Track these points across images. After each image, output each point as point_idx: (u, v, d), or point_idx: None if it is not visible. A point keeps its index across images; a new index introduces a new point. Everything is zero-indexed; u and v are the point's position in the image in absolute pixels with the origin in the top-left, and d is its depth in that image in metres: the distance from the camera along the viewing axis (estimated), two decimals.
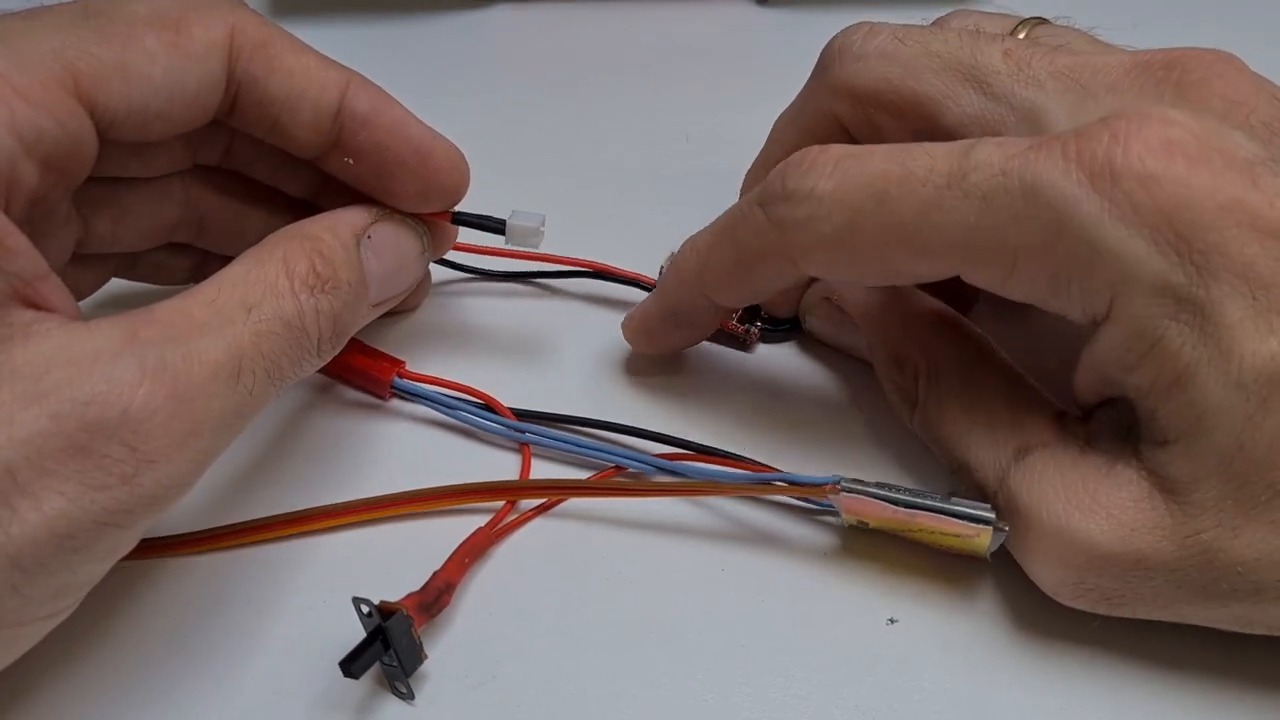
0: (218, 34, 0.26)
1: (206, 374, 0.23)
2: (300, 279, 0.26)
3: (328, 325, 0.26)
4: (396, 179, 0.29)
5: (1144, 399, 0.24)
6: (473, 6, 0.51)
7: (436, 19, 0.50)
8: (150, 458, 0.22)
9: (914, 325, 0.30)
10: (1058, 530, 0.24)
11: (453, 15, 0.51)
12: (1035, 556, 0.25)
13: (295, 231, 0.27)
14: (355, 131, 0.28)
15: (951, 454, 0.28)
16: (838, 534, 0.29)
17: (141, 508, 0.22)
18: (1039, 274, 0.24)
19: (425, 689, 0.25)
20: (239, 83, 0.27)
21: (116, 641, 0.26)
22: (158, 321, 0.23)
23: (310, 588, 0.27)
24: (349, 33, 0.48)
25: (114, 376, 0.21)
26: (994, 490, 0.26)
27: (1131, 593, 0.24)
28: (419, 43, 0.49)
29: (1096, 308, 0.24)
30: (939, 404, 0.28)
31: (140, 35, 0.24)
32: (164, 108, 0.25)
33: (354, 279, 0.27)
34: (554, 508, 0.29)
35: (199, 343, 0.23)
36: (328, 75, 0.28)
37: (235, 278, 0.25)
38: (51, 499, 0.20)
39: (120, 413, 0.21)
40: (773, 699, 0.25)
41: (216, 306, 0.24)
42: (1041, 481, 0.25)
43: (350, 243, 0.28)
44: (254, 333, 0.24)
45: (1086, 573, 0.24)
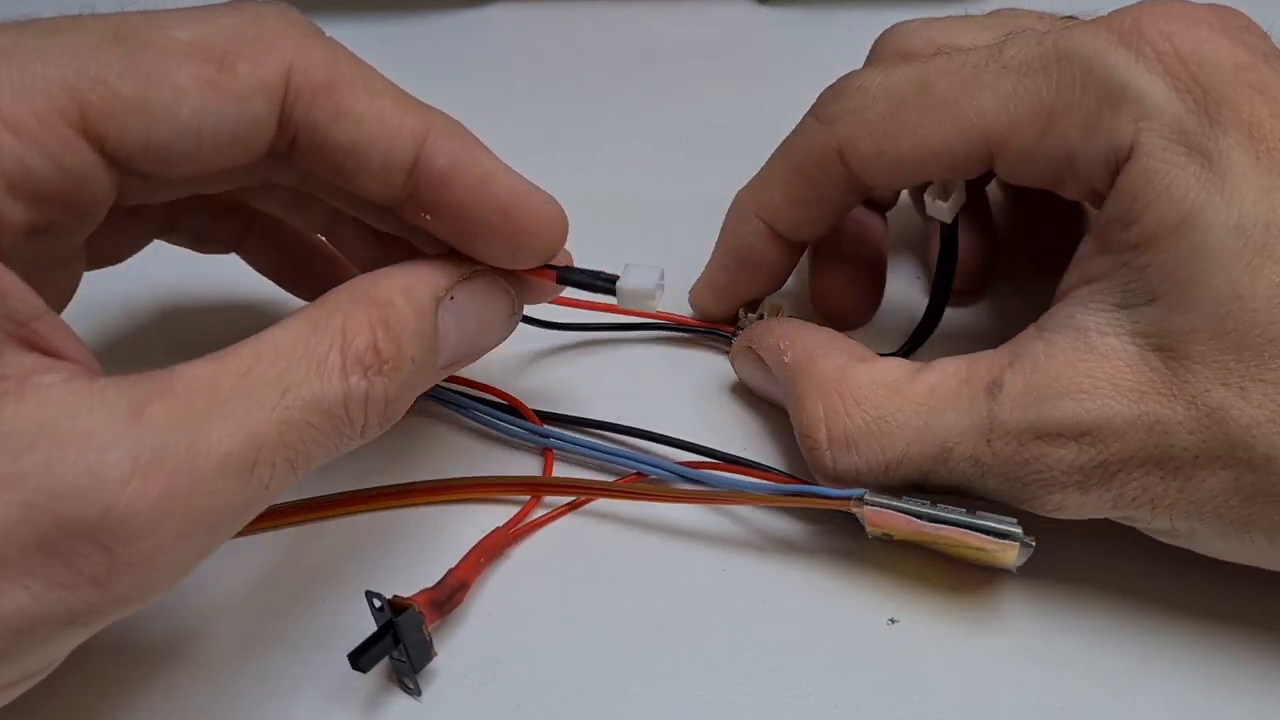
0: (269, 73, 0.22)
1: (213, 467, 0.20)
2: (355, 357, 0.22)
3: (376, 412, 0.23)
4: (480, 239, 0.25)
5: (1141, 254, 0.24)
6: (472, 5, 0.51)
7: (436, 18, 0.50)
8: (128, 561, 0.19)
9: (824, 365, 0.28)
10: (1069, 422, 0.24)
11: (452, 14, 0.51)
12: (1051, 466, 0.25)
13: (363, 293, 0.23)
14: (433, 188, 0.24)
15: (920, 454, 0.26)
16: (838, 535, 0.29)
17: (112, 608, 0.20)
18: (1071, 126, 0.25)
19: (433, 686, 0.26)
20: (297, 127, 0.23)
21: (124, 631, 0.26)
22: (173, 394, 0.20)
23: (325, 578, 0.28)
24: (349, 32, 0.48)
25: (100, 467, 0.19)
26: (987, 449, 0.25)
27: (1152, 476, 0.24)
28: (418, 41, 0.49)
29: (1120, 147, 0.25)
30: (878, 422, 0.26)
31: (173, 68, 0.21)
32: (190, 149, 0.22)
33: (421, 355, 0.24)
34: (569, 512, 0.29)
35: (213, 428, 0.20)
36: (403, 123, 0.24)
37: (280, 346, 0.22)
38: (13, 592, 0.18)
39: (100, 512, 0.19)
40: (773, 699, 0.25)
41: (249, 380, 0.21)
42: (1031, 393, 0.25)
43: (427, 309, 0.24)
44: (282, 420, 0.21)
45: (1108, 457, 0.24)
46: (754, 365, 0.31)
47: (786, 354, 0.29)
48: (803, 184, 0.30)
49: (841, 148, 0.29)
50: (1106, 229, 0.25)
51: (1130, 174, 0.24)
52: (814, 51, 0.32)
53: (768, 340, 0.30)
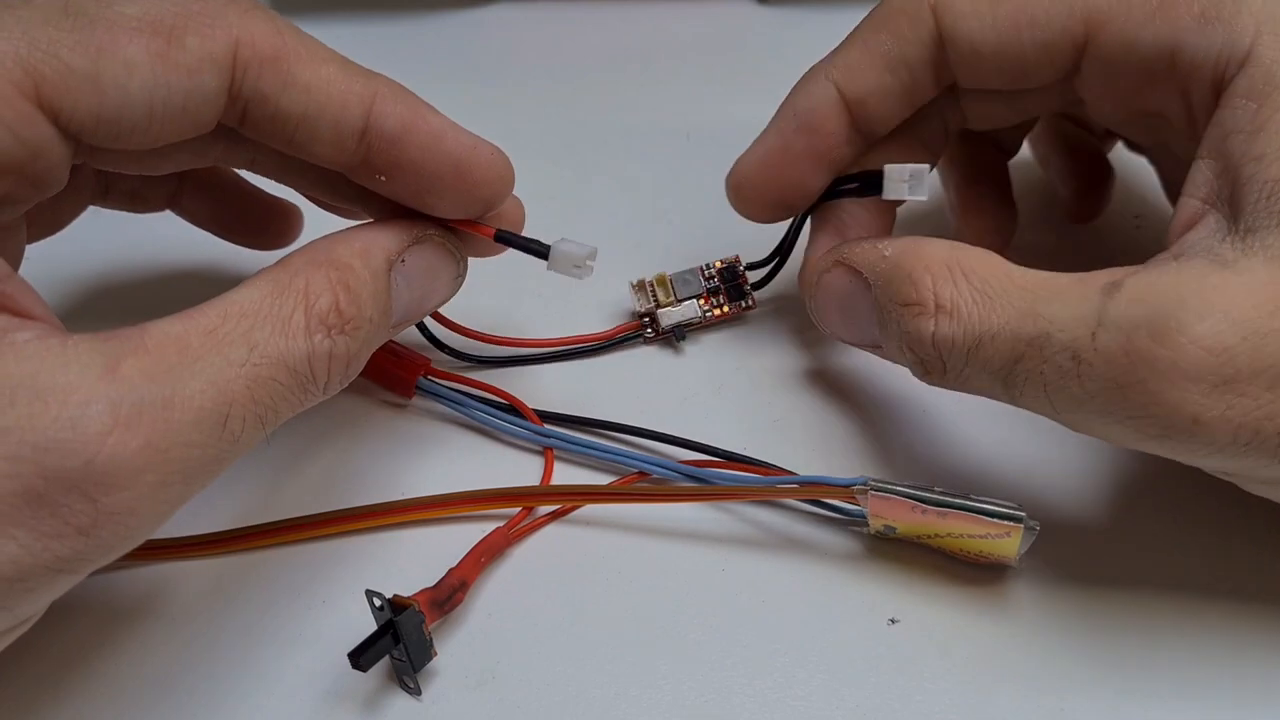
0: (216, 46, 0.23)
1: (188, 421, 0.21)
2: (319, 317, 0.23)
3: (338, 368, 0.24)
4: (434, 194, 0.26)
5: (1269, 167, 0.23)
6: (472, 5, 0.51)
7: (436, 18, 0.50)
8: (111, 510, 0.20)
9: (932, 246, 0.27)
10: (1194, 324, 0.22)
11: (452, 14, 0.51)
12: (1165, 372, 0.22)
13: (324, 257, 0.24)
14: (385, 150, 0.25)
15: (1015, 335, 0.24)
16: (839, 535, 0.29)
17: (97, 554, 0.20)
18: (1185, 13, 0.24)
19: (433, 686, 0.26)
20: (247, 99, 0.24)
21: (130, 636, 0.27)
22: (146, 350, 0.21)
23: (325, 587, 0.28)
24: (349, 31, 0.48)
25: (82, 421, 0.19)
26: (1090, 342, 0.23)
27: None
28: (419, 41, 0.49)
29: (1237, 47, 0.24)
30: (981, 295, 0.25)
31: (122, 42, 0.22)
32: (141, 121, 0.23)
33: (378, 314, 0.25)
34: (570, 512, 0.29)
35: (186, 384, 0.21)
36: (350, 90, 0.25)
37: (246, 305, 0.23)
38: (3, 543, 0.19)
39: (84, 463, 0.19)
40: (773, 699, 0.25)
41: (216, 338, 0.22)
42: (1154, 295, 0.22)
43: (382, 271, 0.25)
44: (251, 377, 0.22)
45: (1235, 370, 0.22)
46: (843, 282, 0.29)
47: (886, 249, 0.27)
48: (888, 41, 0.28)
49: (937, 1, 0.27)
50: (1225, 141, 0.24)
51: (1253, 78, 0.23)
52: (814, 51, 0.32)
53: (859, 248, 0.28)
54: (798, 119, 0.30)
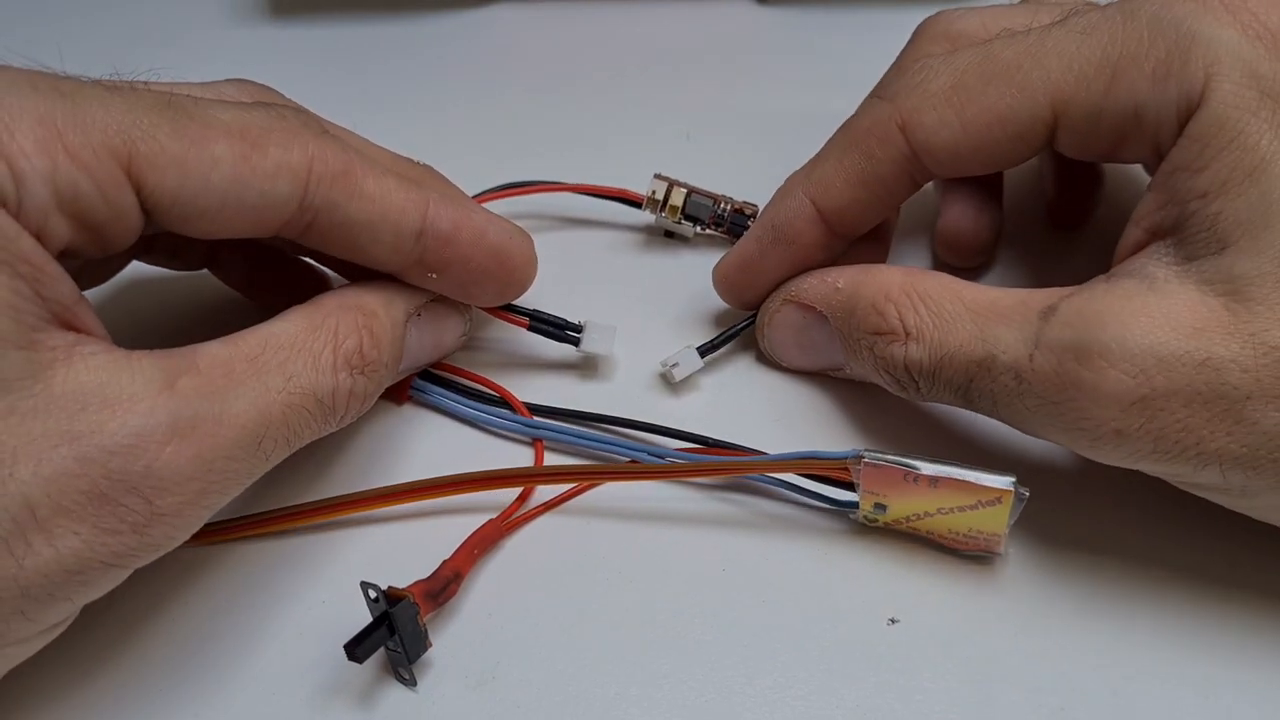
0: (295, 158, 0.25)
1: (232, 438, 0.23)
2: (345, 357, 0.26)
3: (356, 404, 0.27)
4: (479, 284, 0.29)
5: (1211, 202, 0.24)
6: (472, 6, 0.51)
7: (436, 18, 0.50)
8: (162, 512, 0.22)
9: (885, 275, 0.29)
10: (1112, 346, 0.24)
11: (452, 15, 0.51)
12: (1089, 392, 0.24)
13: (353, 302, 0.27)
14: (439, 249, 0.28)
15: (968, 357, 0.26)
16: (839, 535, 0.29)
17: (144, 553, 0.23)
18: (1138, 76, 0.25)
19: (428, 677, 0.26)
20: (316, 209, 0.26)
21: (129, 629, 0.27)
22: (198, 370, 0.23)
23: (320, 579, 0.28)
24: (349, 32, 0.48)
25: (144, 429, 0.22)
26: (1028, 364, 0.25)
27: (1198, 416, 0.23)
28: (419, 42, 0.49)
29: (1191, 93, 0.24)
30: (938, 319, 0.27)
31: (213, 140, 0.24)
32: (212, 211, 0.25)
33: (393, 360, 0.28)
34: (563, 504, 0.29)
35: (233, 404, 0.23)
36: (408, 199, 0.27)
37: (283, 339, 0.25)
38: (66, 538, 0.21)
39: (144, 467, 0.22)
40: (773, 699, 0.25)
41: (258, 366, 0.24)
42: (1083, 318, 0.24)
43: (400, 321, 0.28)
44: (286, 404, 0.24)
45: (1150, 390, 0.23)
46: (796, 317, 0.31)
47: (839, 281, 0.30)
48: (860, 160, 0.30)
49: (904, 120, 0.28)
50: (1172, 178, 0.25)
51: (1201, 120, 0.24)
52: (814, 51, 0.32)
53: (807, 284, 0.31)
54: (775, 231, 0.31)
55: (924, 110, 0.28)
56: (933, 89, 0.28)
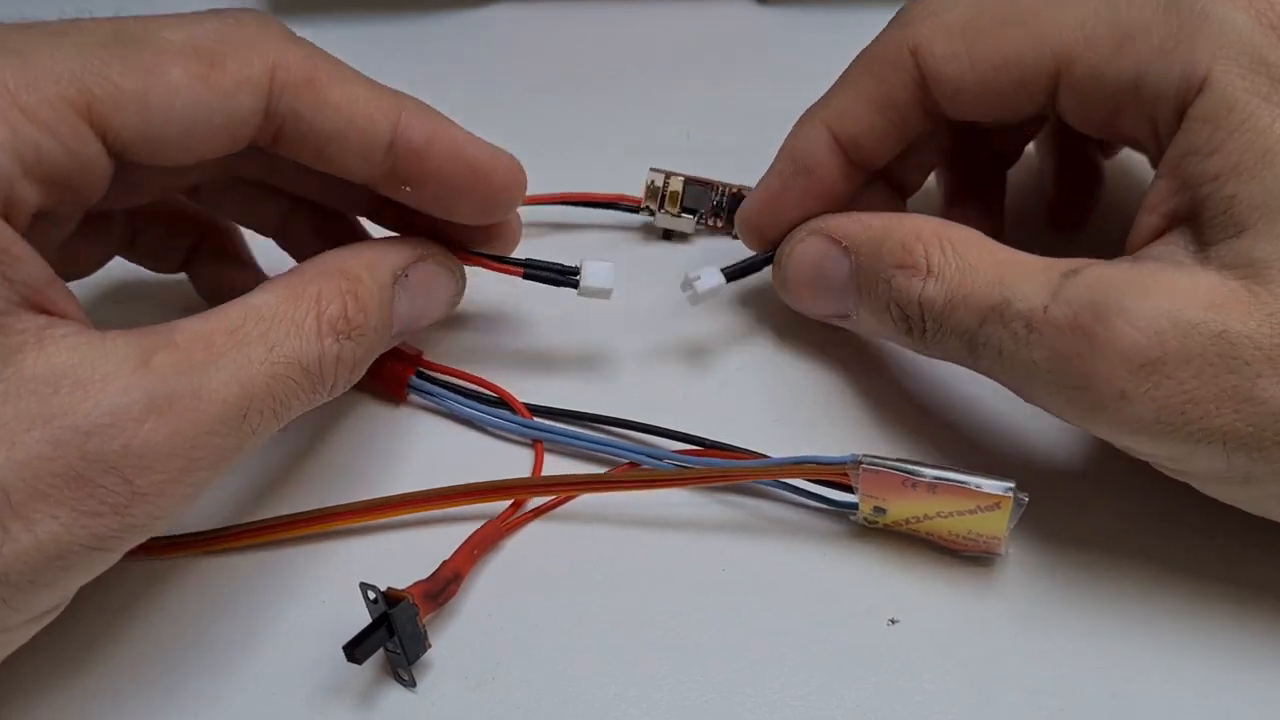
0: (255, 70, 0.25)
1: (213, 413, 0.23)
2: (329, 323, 0.25)
3: (345, 371, 0.26)
4: (456, 200, 0.28)
5: (1226, 184, 0.24)
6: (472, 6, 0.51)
7: (436, 18, 0.50)
8: (143, 491, 0.22)
9: (920, 219, 0.29)
10: (1130, 308, 0.24)
11: (452, 14, 0.51)
12: (1100, 347, 0.24)
13: (334, 267, 0.26)
14: (411, 161, 0.27)
15: (983, 299, 0.26)
16: (839, 535, 0.29)
17: (130, 535, 0.22)
18: (1145, 47, 0.25)
19: (428, 678, 0.26)
20: (283, 118, 0.25)
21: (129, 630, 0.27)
22: (175, 346, 0.23)
23: (319, 584, 0.28)
24: (348, 32, 0.48)
25: (120, 408, 0.21)
26: (1042, 314, 0.25)
27: (1207, 388, 0.23)
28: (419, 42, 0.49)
29: (1193, 75, 0.24)
30: (963, 263, 0.27)
31: (167, 66, 0.24)
32: (183, 139, 0.24)
33: (381, 323, 0.27)
34: (562, 505, 0.29)
35: (212, 378, 0.23)
36: (378, 107, 0.26)
37: (263, 309, 0.24)
38: (44, 523, 0.21)
39: (121, 447, 0.21)
40: (773, 699, 0.25)
41: (238, 338, 0.24)
42: (1105, 281, 0.24)
43: (387, 284, 0.27)
44: (269, 374, 0.24)
45: (1163, 353, 0.23)
46: (820, 250, 0.30)
47: (873, 220, 0.29)
48: (872, 85, 0.30)
49: (917, 46, 0.28)
50: (1183, 162, 0.25)
51: (1209, 102, 0.24)
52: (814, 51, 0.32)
53: (837, 220, 0.30)
54: (794, 163, 0.31)
55: (935, 39, 0.28)
56: (948, 20, 0.28)
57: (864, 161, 0.31)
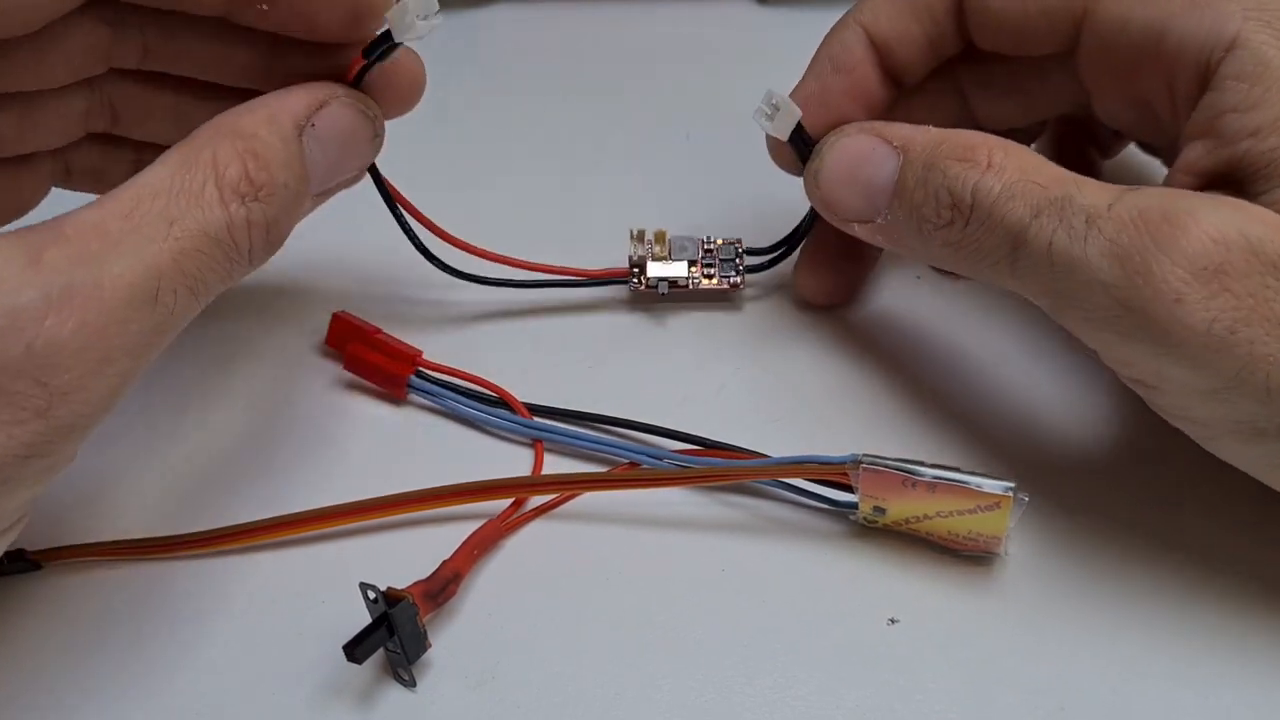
0: None
1: (120, 299, 0.21)
2: (231, 186, 0.24)
3: (259, 235, 0.24)
4: (319, 10, 0.26)
5: (1264, 139, 0.24)
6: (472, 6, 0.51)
7: None
8: (62, 389, 0.21)
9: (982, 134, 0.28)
10: (1202, 212, 0.23)
11: (452, 14, 0.50)
12: (1164, 243, 0.23)
13: (228, 127, 0.25)
14: None
15: (1042, 194, 0.25)
16: (839, 535, 0.29)
17: (60, 436, 0.21)
18: None
19: (428, 678, 0.26)
20: None
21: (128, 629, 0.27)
22: (66, 239, 0.21)
23: (318, 584, 0.28)
24: None
25: (15, 309, 0.20)
26: (1105, 210, 0.24)
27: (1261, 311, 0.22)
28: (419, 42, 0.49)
29: (1222, 32, 0.24)
30: (1025, 165, 0.26)
31: None
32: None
33: (293, 179, 0.25)
34: (562, 505, 0.29)
35: (112, 264, 0.22)
36: None
37: (157, 184, 0.23)
38: None
39: (24, 349, 0.20)
40: (773, 699, 0.25)
41: (134, 220, 0.22)
42: (1170, 193, 0.24)
43: (291, 136, 0.25)
44: (175, 250, 0.22)
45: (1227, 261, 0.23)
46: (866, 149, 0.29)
47: (931, 129, 0.28)
48: None
49: None
50: (1219, 121, 0.25)
51: (1243, 60, 0.24)
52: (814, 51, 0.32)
53: (891, 126, 0.29)
54: (832, 61, 0.31)
55: None
56: None
57: (896, 72, 0.31)
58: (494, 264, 0.33)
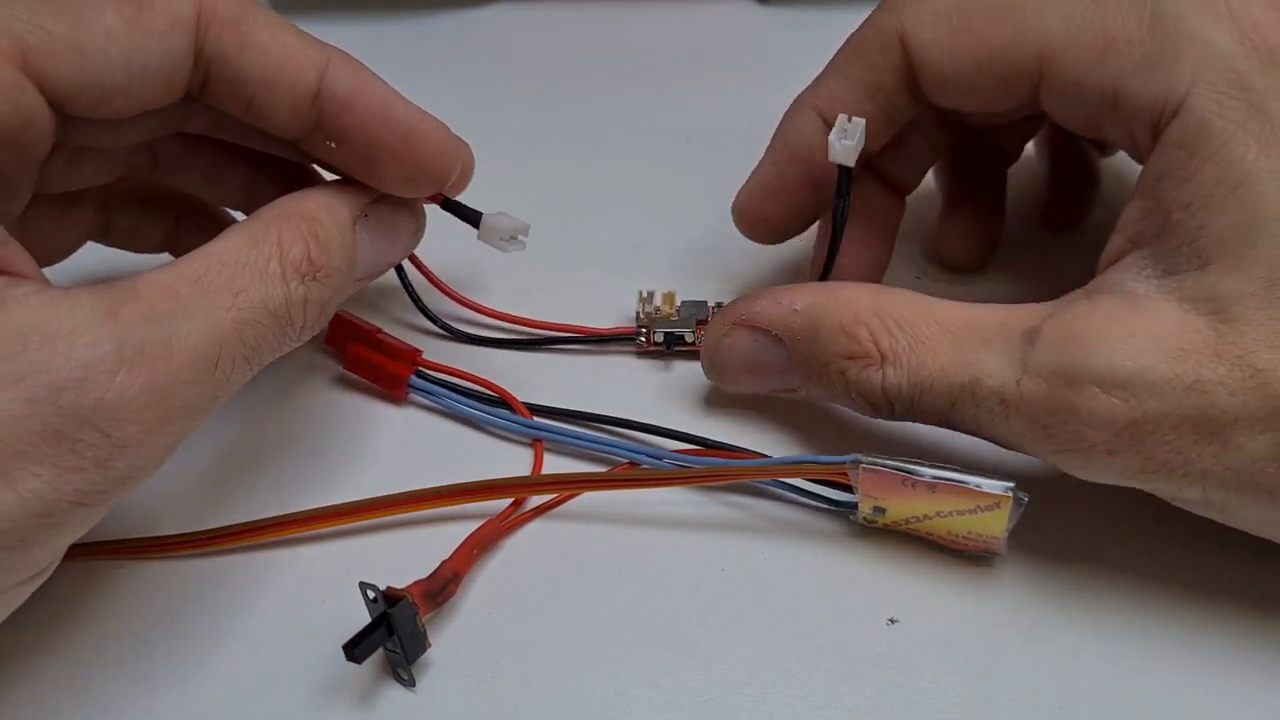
0: (184, 9, 0.25)
1: (186, 361, 0.22)
2: (293, 266, 0.25)
3: (313, 313, 0.26)
4: (381, 164, 0.28)
5: (1194, 215, 0.24)
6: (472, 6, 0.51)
7: (436, 18, 0.50)
8: (123, 443, 0.22)
9: (849, 295, 0.28)
10: (1104, 372, 0.23)
11: (452, 14, 0.51)
12: (1082, 417, 0.24)
13: (293, 210, 0.26)
14: (336, 114, 0.27)
15: (951, 382, 0.26)
16: (839, 535, 0.29)
17: (113, 488, 0.22)
18: (1127, 60, 0.25)
19: (427, 677, 0.26)
20: (209, 60, 0.25)
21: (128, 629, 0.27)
22: (140, 298, 0.22)
23: (319, 584, 0.28)
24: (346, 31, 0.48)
25: (90, 361, 0.21)
26: (1015, 389, 0.25)
27: (1186, 439, 0.23)
28: (418, 42, 0.49)
29: (1173, 94, 0.24)
30: (914, 342, 0.26)
31: (99, 10, 0.24)
32: (123, 85, 0.24)
33: (346, 264, 0.27)
34: (562, 504, 0.29)
35: (181, 326, 0.23)
36: (305, 55, 0.26)
37: (225, 256, 0.24)
38: (27, 480, 0.21)
39: (95, 400, 0.21)
40: (773, 699, 0.25)
41: (202, 286, 0.23)
42: (1068, 342, 0.24)
43: (348, 224, 0.27)
44: (237, 320, 0.24)
45: (1142, 414, 0.23)
46: (748, 343, 0.29)
47: (796, 303, 0.28)
48: (862, 70, 0.30)
49: (904, 30, 0.28)
50: (1156, 185, 0.25)
51: (1185, 126, 0.24)
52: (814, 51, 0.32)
53: (759, 306, 0.29)
54: (789, 149, 0.31)
55: (923, 26, 0.28)
56: (937, 6, 0.28)
57: None
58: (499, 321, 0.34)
